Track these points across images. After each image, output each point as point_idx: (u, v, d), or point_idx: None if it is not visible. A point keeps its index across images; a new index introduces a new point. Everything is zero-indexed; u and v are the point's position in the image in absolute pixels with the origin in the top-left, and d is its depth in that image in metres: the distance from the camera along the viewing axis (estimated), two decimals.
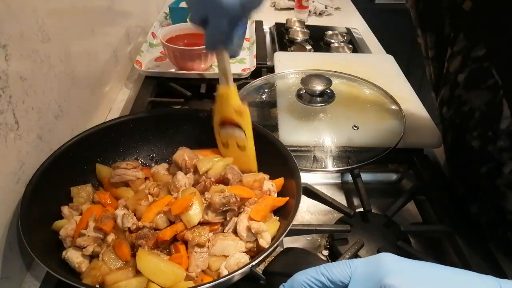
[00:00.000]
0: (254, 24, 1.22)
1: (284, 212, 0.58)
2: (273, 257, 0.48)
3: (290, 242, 0.65)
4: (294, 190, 0.57)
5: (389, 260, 0.37)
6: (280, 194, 0.61)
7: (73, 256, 0.52)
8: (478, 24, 0.54)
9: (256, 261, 0.47)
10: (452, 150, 0.64)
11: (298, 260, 0.46)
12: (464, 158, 0.61)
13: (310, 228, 0.64)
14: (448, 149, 0.66)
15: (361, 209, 0.66)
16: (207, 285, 0.44)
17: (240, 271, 0.46)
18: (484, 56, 0.54)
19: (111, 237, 0.54)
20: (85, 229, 0.54)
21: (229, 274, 0.46)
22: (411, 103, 0.77)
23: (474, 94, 0.56)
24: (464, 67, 0.57)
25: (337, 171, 0.75)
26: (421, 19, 0.65)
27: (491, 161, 0.55)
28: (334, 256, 0.62)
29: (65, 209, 0.57)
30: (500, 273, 0.58)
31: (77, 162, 0.63)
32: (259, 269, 0.47)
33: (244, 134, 0.62)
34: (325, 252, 0.64)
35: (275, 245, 0.48)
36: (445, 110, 0.62)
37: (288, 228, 0.51)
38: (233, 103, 0.61)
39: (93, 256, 0.53)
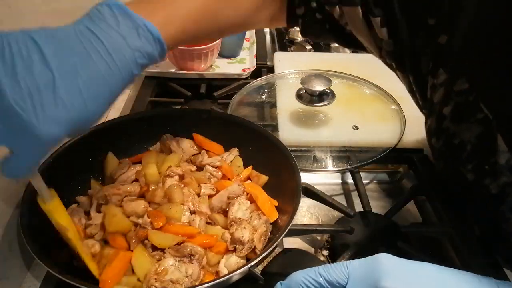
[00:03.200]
0: None
1: (284, 212, 0.58)
2: (271, 258, 0.48)
3: (290, 242, 0.65)
4: (294, 190, 0.57)
5: (385, 261, 0.37)
6: (280, 194, 0.61)
7: (90, 242, 0.54)
8: (456, 58, 0.51)
9: (255, 262, 0.47)
10: (445, 177, 0.61)
11: (297, 260, 0.46)
12: (460, 187, 0.58)
13: (310, 228, 0.64)
14: (439, 174, 0.64)
15: (361, 209, 0.66)
16: (206, 285, 0.44)
17: (238, 271, 0.46)
18: (468, 90, 0.50)
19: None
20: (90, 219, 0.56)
21: (228, 274, 0.46)
22: (411, 103, 0.77)
23: (463, 127, 0.52)
24: (448, 100, 0.53)
25: (337, 171, 0.75)
26: (396, 62, 0.60)
27: (491, 192, 0.52)
28: (334, 256, 0.62)
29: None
30: (500, 274, 0.58)
31: (77, 162, 0.63)
32: (258, 270, 0.47)
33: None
34: (325, 252, 0.64)
35: (274, 246, 0.48)
36: (434, 140, 0.58)
37: (288, 228, 0.51)
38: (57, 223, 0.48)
39: None
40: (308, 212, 0.72)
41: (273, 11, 0.60)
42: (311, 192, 0.67)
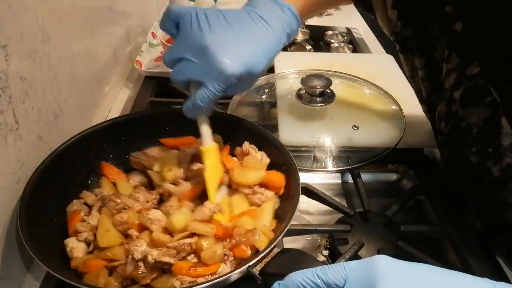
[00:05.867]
0: None
1: (282, 212, 0.58)
2: (270, 258, 0.48)
3: (290, 242, 0.65)
4: (293, 190, 0.56)
5: (382, 264, 0.36)
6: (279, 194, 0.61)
7: (70, 241, 0.53)
8: (469, 43, 0.54)
9: (253, 262, 0.46)
10: (450, 163, 0.64)
11: (295, 261, 0.46)
12: (464, 172, 0.60)
13: (310, 228, 0.64)
14: (445, 163, 0.66)
15: (361, 209, 0.66)
16: (204, 285, 0.44)
17: (237, 271, 0.46)
18: (479, 74, 0.53)
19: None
20: (88, 216, 0.55)
21: (226, 274, 0.46)
22: (411, 103, 0.77)
23: (471, 111, 0.55)
24: (460, 84, 0.56)
25: (337, 171, 0.75)
26: (406, 44, 0.64)
27: (493, 175, 0.54)
28: (334, 256, 0.62)
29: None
30: (500, 273, 0.58)
31: (77, 161, 0.63)
32: (256, 270, 0.47)
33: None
34: (325, 252, 0.64)
35: (272, 246, 0.48)
36: (443, 125, 0.61)
37: (286, 229, 0.50)
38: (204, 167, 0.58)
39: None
40: (308, 212, 0.72)
41: None
42: (311, 192, 0.67)
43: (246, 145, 0.66)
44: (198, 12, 0.50)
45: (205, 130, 0.57)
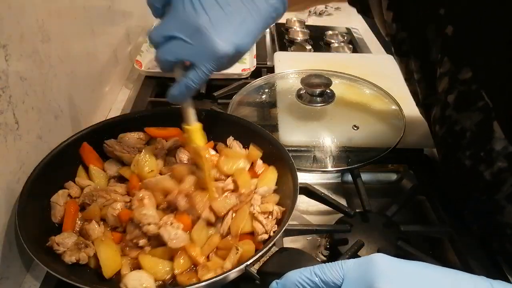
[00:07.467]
0: None
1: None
2: (268, 257, 0.48)
3: (290, 242, 0.65)
4: (291, 190, 0.57)
5: (380, 262, 0.36)
6: (277, 193, 0.61)
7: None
8: (461, 48, 0.54)
9: (251, 261, 0.47)
10: (444, 166, 0.64)
11: (293, 260, 0.46)
12: (457, 174, 0.60)
13: (310, 228, 0.64)
14: (442, 164, 0.66)
15: (361, 209, 0.66)
16: (202, 284, 0.45)
17: (234, 270, 0.46)
18: (471, 79, 0.53)
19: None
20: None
21: (223, 273, 0.46)
22: (411, 103, 0.77)
23: (465, 115, 0.55)
24: (452, 88, 0.56)
25: (337, 171, 0.75)
26: (402, 47, 0.64)
27: (485, 179, 0.55)
28: (334, 256, 0.62)
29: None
30: (500, 273, 0.58)
31: (76, 161, 0.63)
32: (254, 269, 0.47)
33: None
34: (325, 252, 0.64)
35: (270, 245, 0.48)
36: (437, 128, 0.61)
37: (283, 228, 0.50)
38: (195, 143, 0.59)
39: None
40: (308, 212, 0.72)
41: None
42: (311, 192, 0.67)
43: (231, 140, 0.67)
44: None
45: (191, 111, 0.58)
